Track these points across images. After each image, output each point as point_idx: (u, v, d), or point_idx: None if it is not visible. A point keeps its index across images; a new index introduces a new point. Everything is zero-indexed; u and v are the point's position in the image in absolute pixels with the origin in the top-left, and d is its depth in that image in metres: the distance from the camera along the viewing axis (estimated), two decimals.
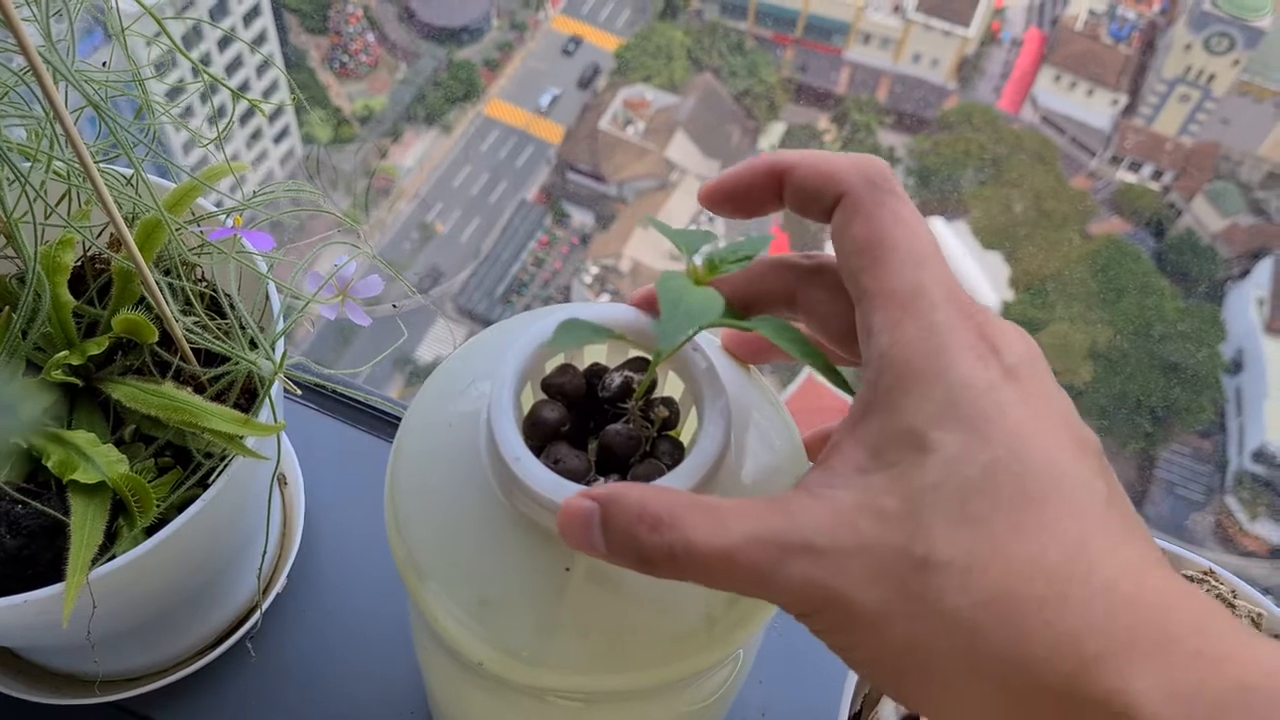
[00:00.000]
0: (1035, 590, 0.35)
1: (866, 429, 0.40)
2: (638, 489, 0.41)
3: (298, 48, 2.48)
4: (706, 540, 0.39)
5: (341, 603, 0.85)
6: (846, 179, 0.44)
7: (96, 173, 0.55)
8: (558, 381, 0.49)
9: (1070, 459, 0.38)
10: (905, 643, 0.37)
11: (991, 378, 0.39)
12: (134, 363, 0.67)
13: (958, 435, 0.38)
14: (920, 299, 0.40)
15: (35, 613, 0.60)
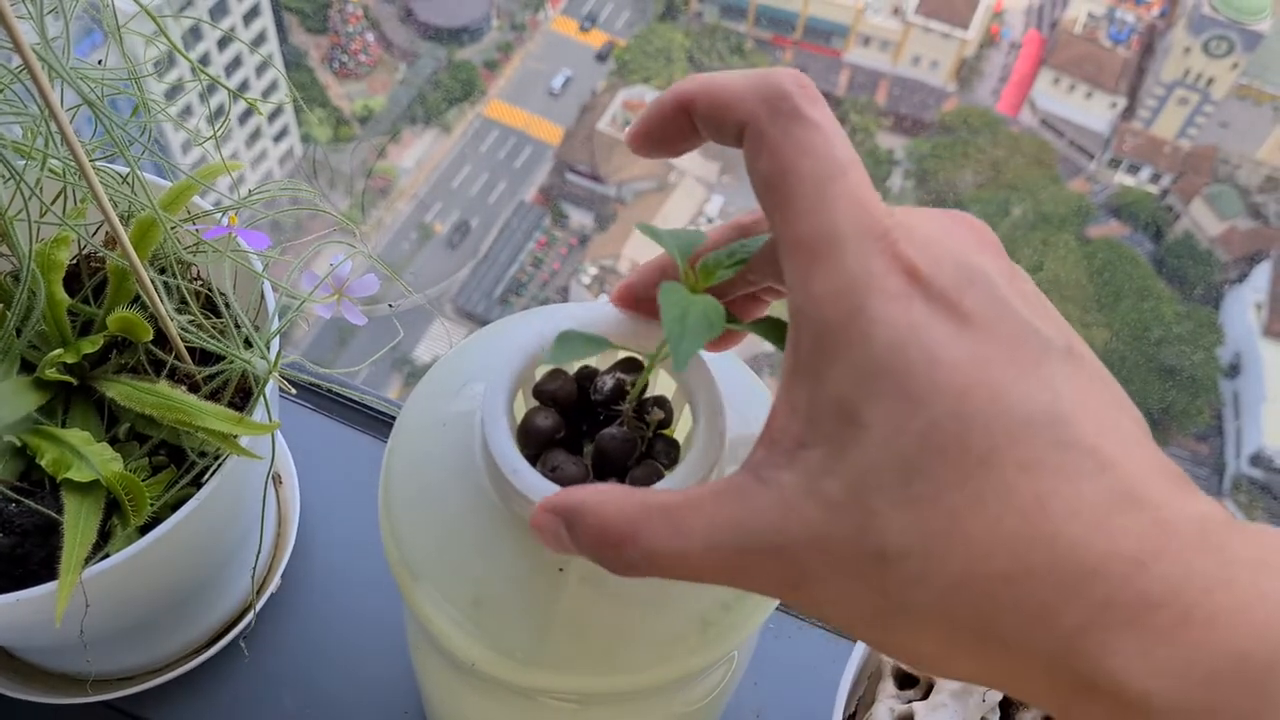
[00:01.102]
0: (998, 567, 0.32)
1: (797, 396, 0.37)
2: (595, 498, 0.39)
3: (297, 47, 2.48)
4: (666, 549, 0.37)
5: (336, 603, 0.85)
6: (744, 107, 0.39)
7: (91, 171, 0.55)
8: (549, 388, 0.49)
9: (1019, 385, 0.34)
10: (879, 630, 0.35)
11: (916, 319, 0.34)
12: (129, 361, 0.67)
13: (888, 403, 0.34)
14: (828, 243, 0.36)
15: (28, 612, 0.60)
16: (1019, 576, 0.32)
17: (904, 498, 0.33)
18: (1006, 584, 0.32)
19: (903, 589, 0.33)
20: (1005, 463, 0.32)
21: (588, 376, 0.49)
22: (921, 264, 0.35)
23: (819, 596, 0.35)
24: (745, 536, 0.36)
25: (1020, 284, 0.37)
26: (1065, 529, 0.32)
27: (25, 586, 0.59)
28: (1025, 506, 0.32)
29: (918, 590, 0.33)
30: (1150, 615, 0.31)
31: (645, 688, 0.50)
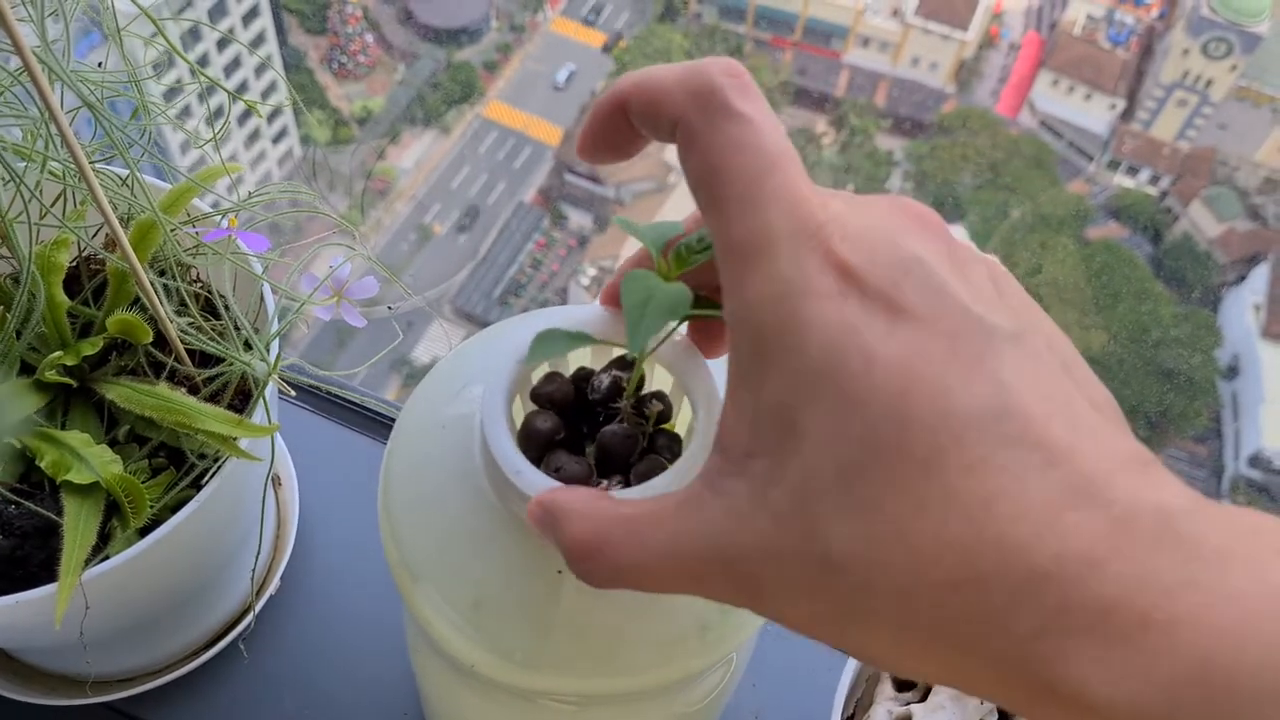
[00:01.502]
0: (945, 574, 0.31)
1: (742, 403, 0.36)
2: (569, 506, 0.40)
3: (296, 48, 2.47)
4: (630, 563, 0.37)
5: (335, 605, 0.85)
6: (674, 102, 0.38)
7: (91, 173, 0.55)
8: (546, 390, 0.49)
9: (961, 381, 0.32)
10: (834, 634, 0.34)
11: (851, 318, 0.33)
12: (128, 363, 0.67)
13: (825, 409, 0.33)
14: (761, 246, 0.35)
15: (28, 613, 0.60)
16: (967, 583, 0.31)
17: (846, 505, 0.32)
18: (954, 591, 0.31)
19: (851, 597, 0.33)
20: (949, 465, 0.31)
21: (584, 378, 0.49)
22: (855, 260, 0.34)
23: (774, 604, 0.35)
24: (702, 548, 0.36)
25: (968, 269, 0.36)
26: (1012, 531, 0.30)
27: (25, 588, 0.59)
28: (971, 510, 0.31)
29: (865, 598, 0.32)
30: (1106, 620, 0.29)
31: (644, 690, 0.50)
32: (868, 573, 0.32)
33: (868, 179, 9.94)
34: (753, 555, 0.34)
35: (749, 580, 0.35)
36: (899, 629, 0.32)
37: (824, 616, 0.34)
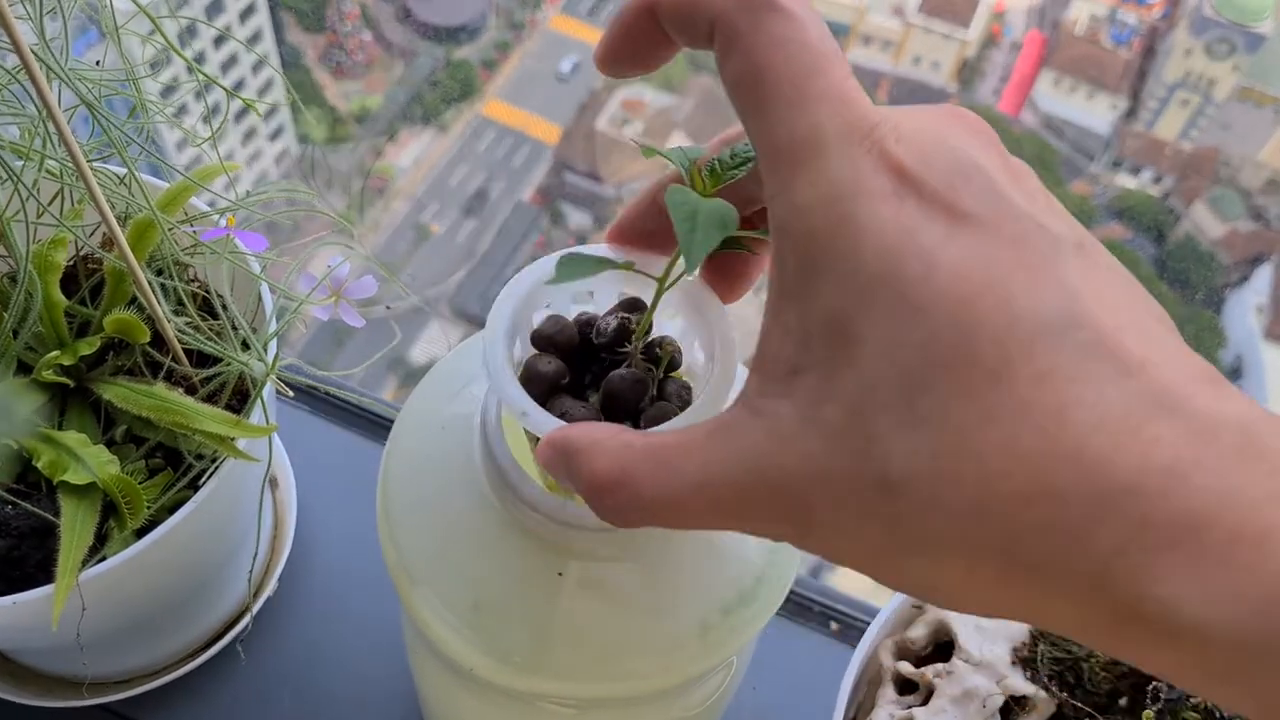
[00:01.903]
0: (1018, 488, 0.29)
1: (787, 316, 0.33)
2: (587, 439, 0.37)
3: (293, 46, 2.47)
4: (657, 494, 0.35)
5: (333, 606, 0.85)
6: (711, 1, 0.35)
7: (89, 172, 0.55)
8: (548, 333, 0.46)
9: (1029, 287, 0.30)
10: (894, 566, 0.32)
11: (909, 221, 0.31)
12: (125, 363, 0.67)
13: (884, 315, 0.31)
14: (810, 147, 0.33)
15: (24, 614, 0.60)
16: (1042, 497, 0.29)
17: (907, 418, 0.30)
18: (1028, 506, 0.29)
19: (913, 519, 0.30)
20: (1018, 374, 0.29)
21: (587, 323, 0.47)
22: (911, 163, 0.32)
23: (826, 534, 0.33)
24: (741, 475, 0.33)
25: (1023, 180, 0.34)
26: (1091, 442, 0.29)
27: (22, 589, 0.59)
28: (1044, 420, 0.29)
29: (929, 520, 0.30)
30: (1194, 536, 0.28)
31: (644, 693, 0.50)
32: (932, 491, 0.30)
33: None
34: (801, 481, 0.32)
35: (796, 509, 0.33)
36: (968, 554, 0.30)
37: (882, 547, 0.32)
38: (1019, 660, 0.61)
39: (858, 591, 0.88)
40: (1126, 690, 0.60)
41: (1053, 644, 0.61)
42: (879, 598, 0.82)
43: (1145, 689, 0.59)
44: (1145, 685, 0.59)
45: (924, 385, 0.30)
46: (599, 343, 0.46)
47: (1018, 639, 0.61)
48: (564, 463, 0.38)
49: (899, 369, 0.30)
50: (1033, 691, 0.59)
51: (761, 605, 0.51)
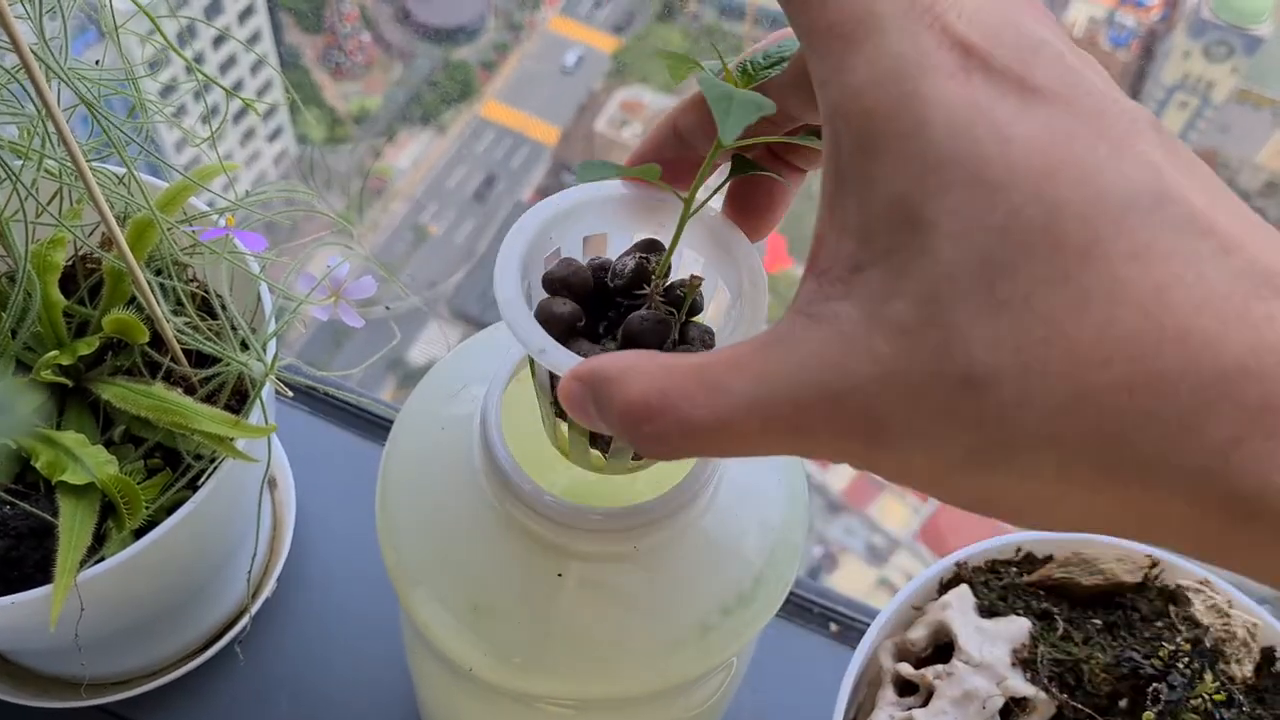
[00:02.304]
0: (1118, 376, 0.26)
1: (844, 211, 0.31)
2: (619, 366, 0.34)
3: (292, 46, 2.47)
4: (704, 417, 0.31)
5: (331, 607, 0.85)
6: None
7: (88, 171, 0.55)
8: (560, 275, 0.43)
9: (1112, 162, 0.28)
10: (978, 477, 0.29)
11: (978, 96, 0.29)
12: (124, 363, 0.67)
13: (957, 196, 0.28)
14: (865, 25, 0.30)
15: (22, 615, 0.60)
16: (1145, 386, 0.26)
17: (989, 306, 0.28)
18: (1130, 395, 0.26)
19: (1001, 419, 0.28)
20: (1111, 252, 0.27)
21: (601, 267, 0.44)
22: (976, 38, 0.30)
23: (897, 447, 0.30)
24: (800, 387, 0.30)
25: (1090, 62, 0.31)
26: (1196, 323, 0.26)
27: (20, 590, 0.59)
28: (1142, 301, 0.27)
29: (1018, 420, 0.28)
30: None
31: (644, 694, 0.50)
32: (1021, 386, 0.27)
33: None
34: (870, 386, 0.29)
35: (865, 420, 0.30)
36: (1063, 456, 0.28)
37: (963, 457, 0.29)
38: (1019, 662, 0.61)
39: (857, 593, 0.88)
40: (1127, 692, 0.60)
41: (1053, 645, 0.61)
42: (879, 599, 0.82)
43: (1145, 690, 0.59)
44: (1145, 687, 0.59)
45: (1006, 269, 0.28)
46: (615, 285, 0.43)
47: (1017, 640, 0.61)
48: (592, 395, 0.34)
49: (976, 253, 0.28)
50: (1033, 693, 0.59)
51: (761, 606, 0.51)
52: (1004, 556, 0.67)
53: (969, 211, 0.28)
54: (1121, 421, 0.27)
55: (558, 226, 0.43)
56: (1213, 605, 0.63)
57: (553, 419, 0.44)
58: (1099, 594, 0.65)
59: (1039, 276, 0.27)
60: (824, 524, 1.73)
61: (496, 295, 0.40)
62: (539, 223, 0.43)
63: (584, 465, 0.45)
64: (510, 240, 0.42)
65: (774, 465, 0.54)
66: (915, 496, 1.72)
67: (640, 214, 0.44)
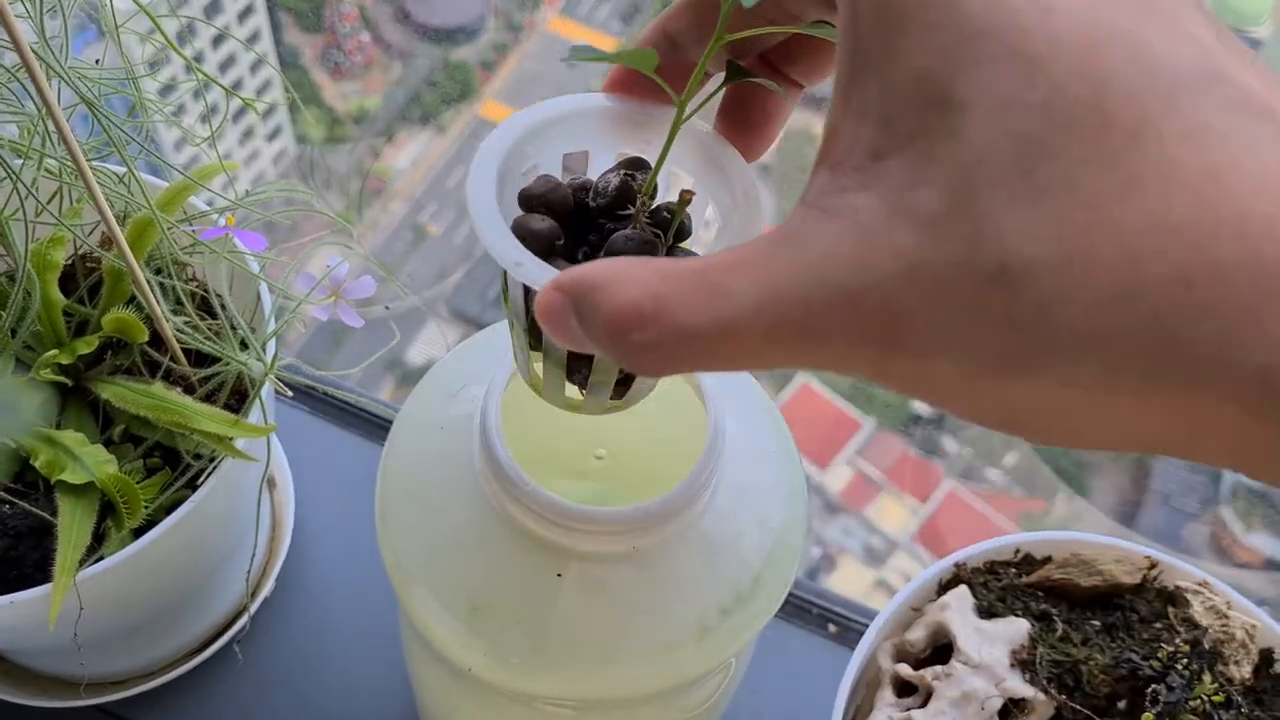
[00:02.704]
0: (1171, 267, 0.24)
1: (863, 94, 0.28)
2: (606, 272, 0.30)
3: (291, 46, 2.47)
4: (702, 322, 0.28)
5: (330, 607, 0.84)
6: None
7: (89, 170, 0.55)
8: (538, 192, 0.40)
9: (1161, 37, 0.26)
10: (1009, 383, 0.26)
11: None
12: (124, 362, 0.67)
13: (992, 72, 0.26)
14: None
15: (22, 614, 0.60)
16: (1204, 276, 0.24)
17: (1028, 191, 0.25)
18: (1188, 289, 0.24)
19: (1038, 316, 0.25)
20: (1164, 132, 0.25)
21: (581, 188, 0.41)
22: None
23: (920, 352, 0.27)
24: (812, 287, 0.27)
25: None
26: (1255, 209, 0.24)
27: (19, 589, 0.59)
28: (1198, 185, 0.24)
29: (1059, 314, 0.25)
30: None
31: (643, 694, 0.50)
32: (1061, 279, 0.25)
33: None
34: (891, 283, 0.27)
35: (884, 323, 0.27)
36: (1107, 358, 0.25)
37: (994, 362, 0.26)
38: (1018, 663, 0.61)
39: (855, 594, 0.88)
40: (1125, 693, 0.60)
41: (1051, 646, 0.61)
42: (876, 600, 0.82)
43: (1144, 692, 0.59)
44: (1144, 688, 0.59)
45: (1046, 151, 0.25)
46: (597, 205, 0.40)
47: (1016, 641, 0.61)
48: (574, 305, 0.31)
49: (1014, 134, 0.26)
50: (1031, 694, 0.59)
51: (760, 607, 0.51)
52: (1003, 557, 0.67)
53: (1006, 88, 0.26)
54: (1176, 317, 0.24)
55: (536, 140, 0.41)
56: (1211, 606, 0.63)
57: (526, 350, 0.42)
58: (1097, 595, 0.65)
59: (1083, 158, 0.25)
60: (822, 525, 1.73)
61: (469, 204, 0.38)
62: (517, 132, 0.40)
63: (558, 403, 0.43)
64: (486, 148, 0.40)
65: (774, 466, 0.54)
66: (914, 497, 1.72)
67: (625, 129, 0.42)
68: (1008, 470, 1.64)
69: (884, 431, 1.75)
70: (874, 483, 1.75)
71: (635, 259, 0.31)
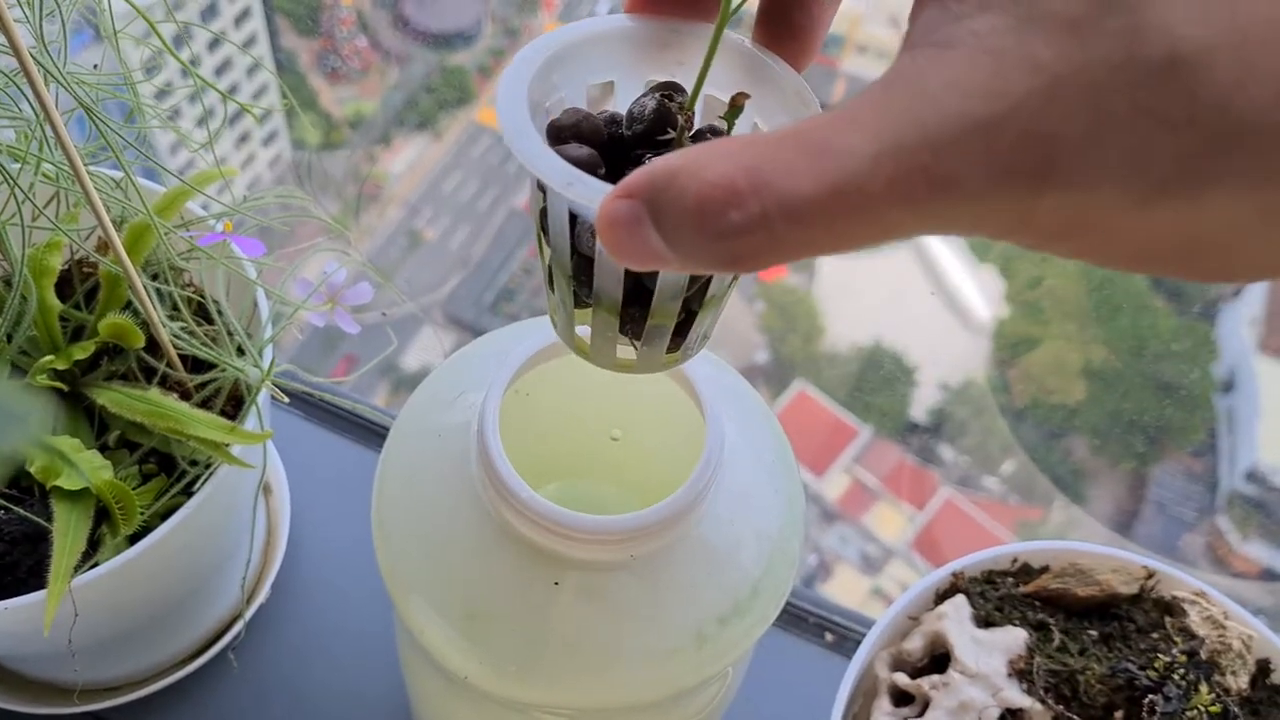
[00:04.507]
0: None
1: None
2: (683, 158, 0.26)
3: (288, 50, 2.47)
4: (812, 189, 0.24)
5: (326, 614, 0.84)
6: None
7: (86, 175, 0.54)
8: (570, 123, 0.37)
9: None
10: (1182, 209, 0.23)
11: None
12: (120, 368, 0.67)
13: None
14: None
15: (16, 620, 0.60)
16: None
17: None
18: None
19: (1219, 106, 0.22)
20: None
21: (610, 120, 0.38)
22: None
23: (1080, 178, 0.23)
24: (939, 124, 0.24)
25: None
26: None
27: (13, 595, 0.59)
28: None
29: (1242, 100, 0.22)
30: None
31: (640, 703, 0.50)
32: (1241, 62, 0.22)
33: None
34: (1032, 103, 0.23)
35: (1030, 150, 0.23)
36: None
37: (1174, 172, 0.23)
38: (1015, 672, 0.60)
39: (851, 602, 0.88)
40: (1122, 703, 0.60)
41: (1049, 656, 0.61)
42: (873, 609, 0.82)
43: (1141, 702, 0.59)
44: (1141, 698, 0.59)
45: None
46: (634, 133, 0.37)
47: (1013, 651, 0.61)
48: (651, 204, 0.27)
49: None
50: (1029, 704, 0.59)
51: (758, 616, 0.51)
52: (1000, 567, 0.67)
53: None
54: None
55: (561, 68, 0.38)
56: (1208, 617, 0.63)
57: (570, 304, 0.38)
58: (1095, 605, 0.65)
59: None
60: (818, 533, 1.73)
61: (503, 126, 0.34)
62: (543, 56, 0.37)
63: (608, 364, 0.40)
64: (513, 71, 0.37)
65: (771, 474, 0.54)
66: (910, 505, 1.72)
67: (651, 52, 0.39)
68: (1005, 479, 1.64)
69: (881, 439, 1.75)
70: (871, 491, 1.75)
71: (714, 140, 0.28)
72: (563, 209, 0.34)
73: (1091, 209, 0.24)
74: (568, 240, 0.35)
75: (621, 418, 0.61)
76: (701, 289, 0.36)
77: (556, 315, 0.40)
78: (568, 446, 0.62)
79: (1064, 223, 0.24)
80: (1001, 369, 1.71)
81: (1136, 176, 0.23)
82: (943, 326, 1.71)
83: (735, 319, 0.53)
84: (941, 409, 1.67)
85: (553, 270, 0.38)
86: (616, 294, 0.36)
